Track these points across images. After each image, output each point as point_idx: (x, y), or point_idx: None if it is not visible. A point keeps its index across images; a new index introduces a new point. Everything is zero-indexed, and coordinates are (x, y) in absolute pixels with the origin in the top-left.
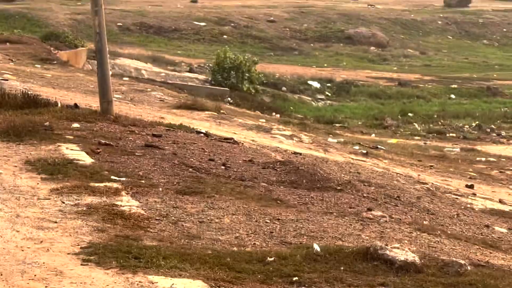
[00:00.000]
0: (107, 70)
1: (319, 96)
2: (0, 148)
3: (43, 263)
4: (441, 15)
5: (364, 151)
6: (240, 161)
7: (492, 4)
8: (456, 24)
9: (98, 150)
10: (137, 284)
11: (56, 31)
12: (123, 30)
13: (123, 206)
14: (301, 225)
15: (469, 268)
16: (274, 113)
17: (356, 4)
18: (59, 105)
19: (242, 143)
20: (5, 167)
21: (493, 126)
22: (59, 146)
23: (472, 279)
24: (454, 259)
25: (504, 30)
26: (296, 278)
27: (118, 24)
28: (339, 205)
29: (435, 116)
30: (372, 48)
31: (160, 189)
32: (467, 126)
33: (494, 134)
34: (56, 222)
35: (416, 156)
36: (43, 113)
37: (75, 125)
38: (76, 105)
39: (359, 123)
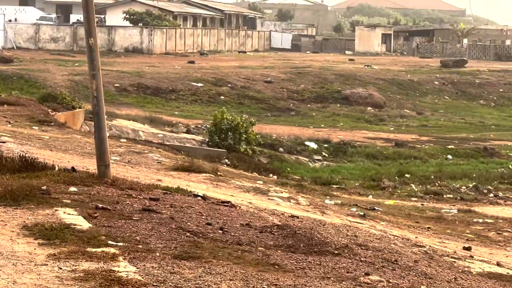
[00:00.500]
0: (104, 134)
1: (316, 157)
2: None
3: None
4: (438, 76)
5: (362, 213)
6: (237, 225)
7: (488, 64)
8: (452, 85)
9: (96, 215)
10: None
11: (53, 92)
12: (121, 91)
13: (121, 272)
14: None
15: None
16: (271, 174)
17: (353, 64)
18: (57, 168)
19: (240, 206)
20: (2, 232)
21: (490, 187)
22: (56, 210)
23: None
24: None
25: (501, 90)
26: None
27: (116, 85)
28: (337, 270)
29: (432, 177)
30: (369, 108)
31: (158, 254)
32: (464, 187)
33: (492, 195)
34: None
35: (413, 218)
36: (40, 176)
37: (73, 188)
38: (73, 169)
39: (356, 184)
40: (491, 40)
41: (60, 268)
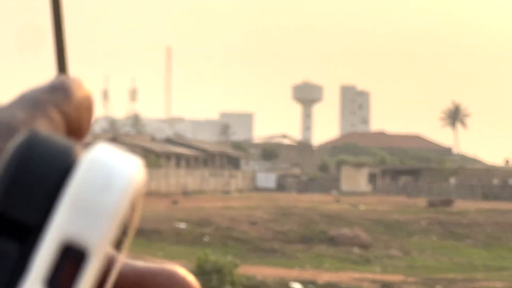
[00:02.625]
0: None
1: None
2: None
3: None
4: (425, 215)
5: None
6: None
7: (476, 204)
8: (440, 224)
9: None
10: None
11: None
12: None
13: None
14: None
15: None
16: None
17: (339, 204)
18: None
19: None
20: None
21: None
22: None
23: None
24: None
25: (489, 230)
26: None
27: None
28: None
29: None
30: (355, 249)
31: None
32: None
33: None
34: None
35: None
36: None
37: None
38: None
39: None
40: (478, 179)
41: None
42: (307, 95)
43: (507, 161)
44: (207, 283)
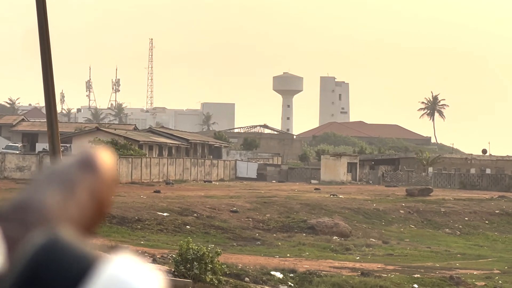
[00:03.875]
0: None
1: (282, 287)
2: None
3: None
4: (403, 204)
5: None
6: None
7: (453, 193)
8: (418, 213)
9: None
10: None
11: None
12: None
13: None
14: None
15: None
16: None
17: (318, 193)
18: None
19: None
20: None
21: None
22: None
23: None
24: None
25: (466, 219)
26: None
27: None
28: None
29: None
30: (335, 237)
31: None
32: None
33: None
34: None
35: None
36: None
37: None
38: None
39: None
40: (456, 169)
41: None
42: (287, 86)
43: (485, 151)
44: (189, 271)
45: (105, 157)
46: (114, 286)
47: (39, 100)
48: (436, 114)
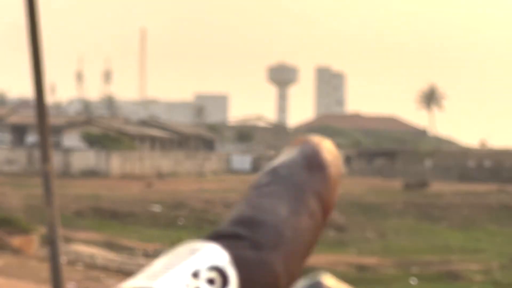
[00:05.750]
0: (59, 263)
1: None
2: None
3: None
4: (401, 198)
5: None
6: None
7: (452, 185)
8: (415, 207)
9: None
10: None
11: (8, 216)
12: (78, 215)
13: None
14: None
15: None
16: None
17: None
18: None
19: None
20: None
21: None
22: None
23: None
24: None
25: (464, 212)
26: None
27: (72, 208)
28: None
29: None
30: (331, 231)
31: None
32: None
33: None
34: None
35: None
36: None
37: None
38: None
39: None
40: (453, 161)
41: None
42: (282, 77)
43: (483, 143)
44: None
45: (330, 149)
46: None
47: (28, 93)
48: (434, 105)
